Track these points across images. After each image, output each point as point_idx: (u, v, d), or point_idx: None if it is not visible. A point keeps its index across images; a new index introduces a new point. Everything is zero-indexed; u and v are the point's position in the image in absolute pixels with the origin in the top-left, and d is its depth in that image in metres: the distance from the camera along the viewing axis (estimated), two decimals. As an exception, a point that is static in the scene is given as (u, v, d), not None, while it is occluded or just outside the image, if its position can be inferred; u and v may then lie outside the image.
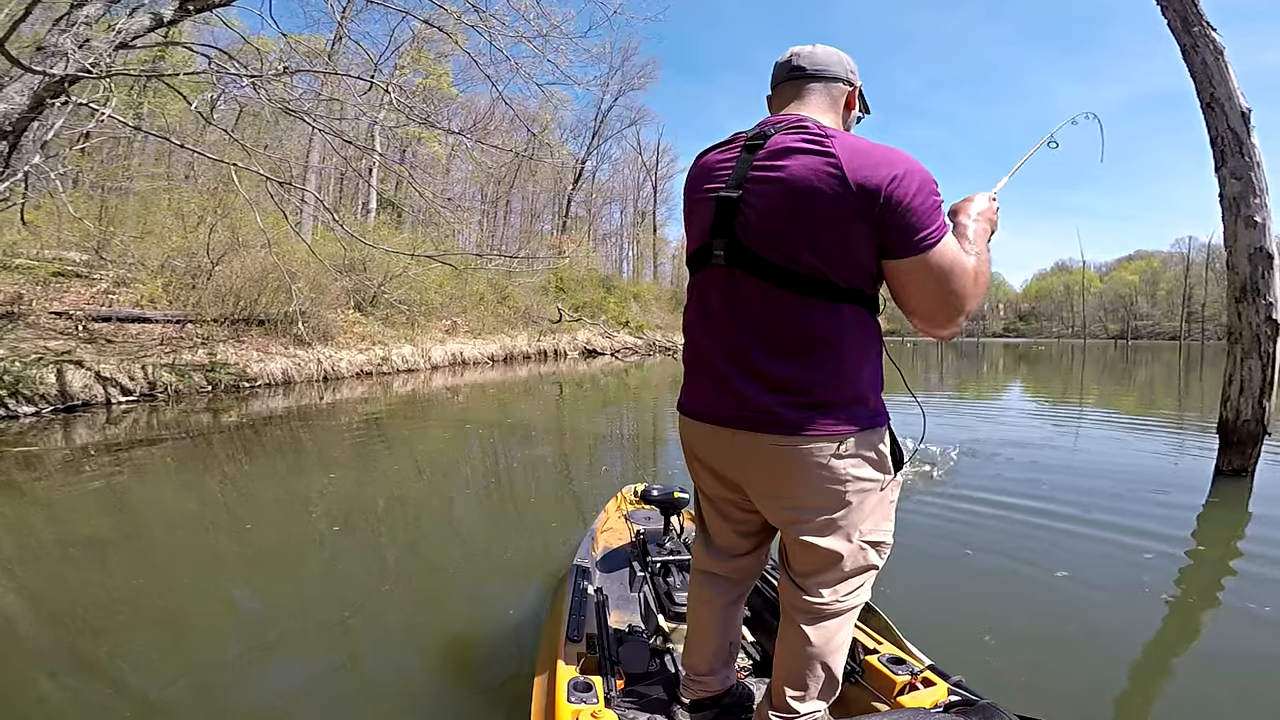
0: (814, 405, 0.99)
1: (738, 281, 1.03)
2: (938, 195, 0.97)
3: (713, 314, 1.08)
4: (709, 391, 1.09)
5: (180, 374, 7.97)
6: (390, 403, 9.00)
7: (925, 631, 1.29)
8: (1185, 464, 5.17)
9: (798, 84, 1.13)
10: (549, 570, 2.57)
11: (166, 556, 2.98)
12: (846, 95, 1.14)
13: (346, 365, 11.07)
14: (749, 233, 1.01)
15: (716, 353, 1.07)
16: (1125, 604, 2.44)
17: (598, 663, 1.31)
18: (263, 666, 1.99)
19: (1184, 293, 53.72)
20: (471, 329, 16.88)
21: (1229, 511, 3.76)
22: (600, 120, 35.63)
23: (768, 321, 1.01)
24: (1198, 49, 4.34)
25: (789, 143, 1.00)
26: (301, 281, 10.56)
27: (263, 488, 4.39)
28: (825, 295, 0.98)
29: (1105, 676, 1.89)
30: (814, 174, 0.94)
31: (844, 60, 1.15)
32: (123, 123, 5.11)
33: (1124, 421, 7.94)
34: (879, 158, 0.94)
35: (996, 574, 2.71)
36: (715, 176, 1.08)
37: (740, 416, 1.03)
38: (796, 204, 0.96)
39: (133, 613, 2.36)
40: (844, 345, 0.99)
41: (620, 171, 42.34)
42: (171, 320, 9.52)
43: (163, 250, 10.77)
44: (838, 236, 0.95)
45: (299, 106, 6.41)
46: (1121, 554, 2.94)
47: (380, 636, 2.17)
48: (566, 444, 6.42)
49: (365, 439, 6.22)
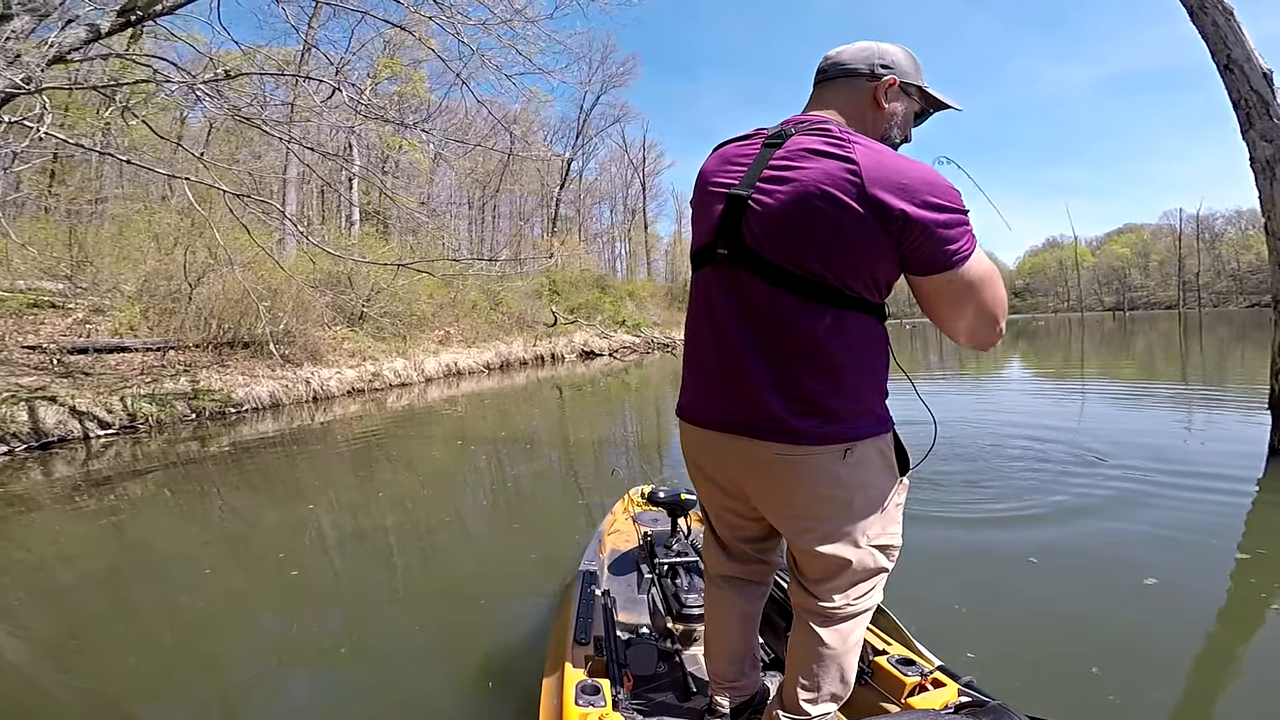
0: (819, 413, 0.96)
1: (742, 282, 1.00)
2: (964, 210, 0.93)
3: (715, 315, 1.04)
4: (710, 395, 1.07)
5: (161, 404, 7.65)
6: (385, 419, 8.71)
7: (934, 632, 1.30)
8: (1222, 439, 4.93)
9: (822, 85, 1.09)
10: (556, 573, 2.58)
11: (170, 586, 2.88)
12: (873, 90, 1.05)
13: (337, 383, 10.73)
14: (755, 233, 0.97)
15: (718, 355, 1.04)
16: (1164, 603, 2.27)
17: (605, 665, 1.30)
18: (278, 678, 2.05)
19: (1178, 263, 53.79)
20: (465, 338, 16.56)
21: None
22: (584, 119, 35.30)
23: (771, 325, 0.98)
24: (1206, 10, 4.13)
25: (809, 144, 0.96)
26: (284, 299, 10.24)
27: (260, 511, 4.24)
28: (830, 301, 0.95)
29: (1125, 679, 1.80)
30: (830, 178, 0.91)
31: (873, 53, 1.06)
32: (63, 140, 4.80)
33: (1142, 393, 7.70)
34: (901, 170, 0.90)
35: (1017, 572, 2.53)
36: (729, 171, 1.05)
37: (743, 423, 1.00)
38: (808, 208, 0.92)
39: (142, 641, 2.36)
40: (849, 352, 0.97)
41: (607, 170, 42.08)
42: (152, 348, 9.18)
43: (139, 274, 10.42)
44: (847, 245, 0.92)
45: (265, 117, 6.12)
46: (1167, 549, 2.69)
47: (390, 642, 2.21)
48: (570, 448, 6.23)
49: (364, 456, 5.95)
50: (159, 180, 14.10)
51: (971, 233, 0.93)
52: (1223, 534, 2.86)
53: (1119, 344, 18.93)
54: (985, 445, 4.75)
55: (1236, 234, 58.54)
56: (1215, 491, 3.46)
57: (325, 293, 12.06)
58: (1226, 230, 59.28)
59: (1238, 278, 56.26)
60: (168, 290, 10.09)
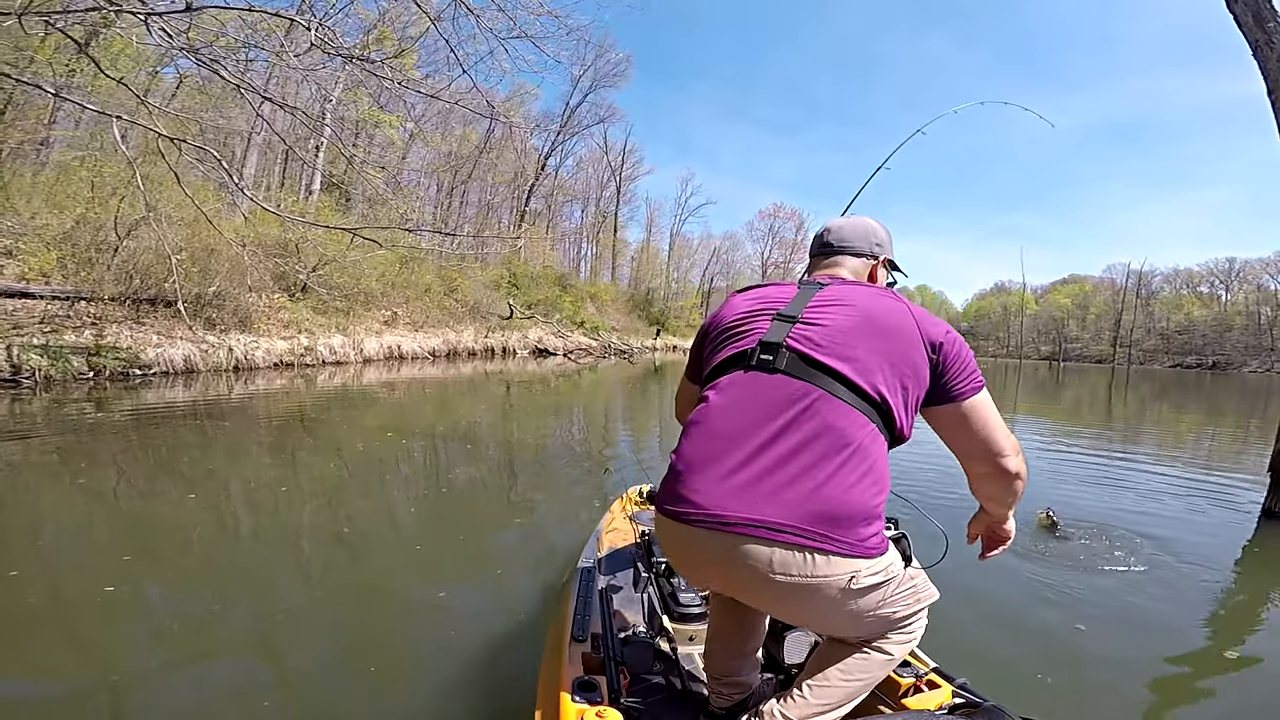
0: (835, 520, 0.96)
1: (778, 385, 1.03)
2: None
3: (741, 412, 1.04)
4: (713, 492, 0.99)
5: (54, 356, 7.03)
6: (314, 397, 8.27)
7: (928, 634, 1.22)
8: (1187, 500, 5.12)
9: (829, 256, 1.30)
10: (554, 571, 2.59)
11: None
12: (871, 268, 1.30)
13: (264, 354, 10.18)
14: (808, 341, 1.05)
15: (735, 452, 1.00)
16: (1151, 627, 2.39)
17: (602, 663, 1.30)
18: (270, 665, 2.01)
19: (1116, 318, 56.93)
20: (413, 321, 16.06)
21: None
22: (568, 114, 35.01)
23: (802, 426, 0.99)
24: (1273, 44, 4.03)
25: (857, 289, 1.14)
26: (219, 260, 9.65)
27: (150, 496, 3.76)
28: (867, 411, 1.01)
29: (1114, 685, 1.90)
30: (891, 310, 1.08)
31: (870, 234, 1.30)
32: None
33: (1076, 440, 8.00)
34: (933, 317, 1.10)
35: (1009, 587, 2.60)
36: (769, 301, 1.16)
37: (749, 520, 0.96)
38: (870, 326, 1.05)
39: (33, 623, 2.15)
40: (872, 462, 1.00)
41: (584, 170, 41.80)
42: (59, 296, 8.50)
43: (63, 221, 9.65)
44: (901, 359, 1.04)
45: (239, 74, 5.67)
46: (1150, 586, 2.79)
47: (387, 638, 2.19)
48: (526, 447, 5.97)
49: (314, 438, 5.56)
50: (114, 129, 13.13)
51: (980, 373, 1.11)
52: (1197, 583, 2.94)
53: (1051, 393, 19.82)
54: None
55: (1172, 293, 62.52)
56: (1199, 548, 3.43)
57: (267, 258, 11.43)
58: (1163, 289, 63.20)
59: (1166, 336, 59.93)
60: (93, 240, 9.37)
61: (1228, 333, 55.80)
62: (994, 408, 1.11)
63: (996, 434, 1.09)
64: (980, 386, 1.09)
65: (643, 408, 10.66)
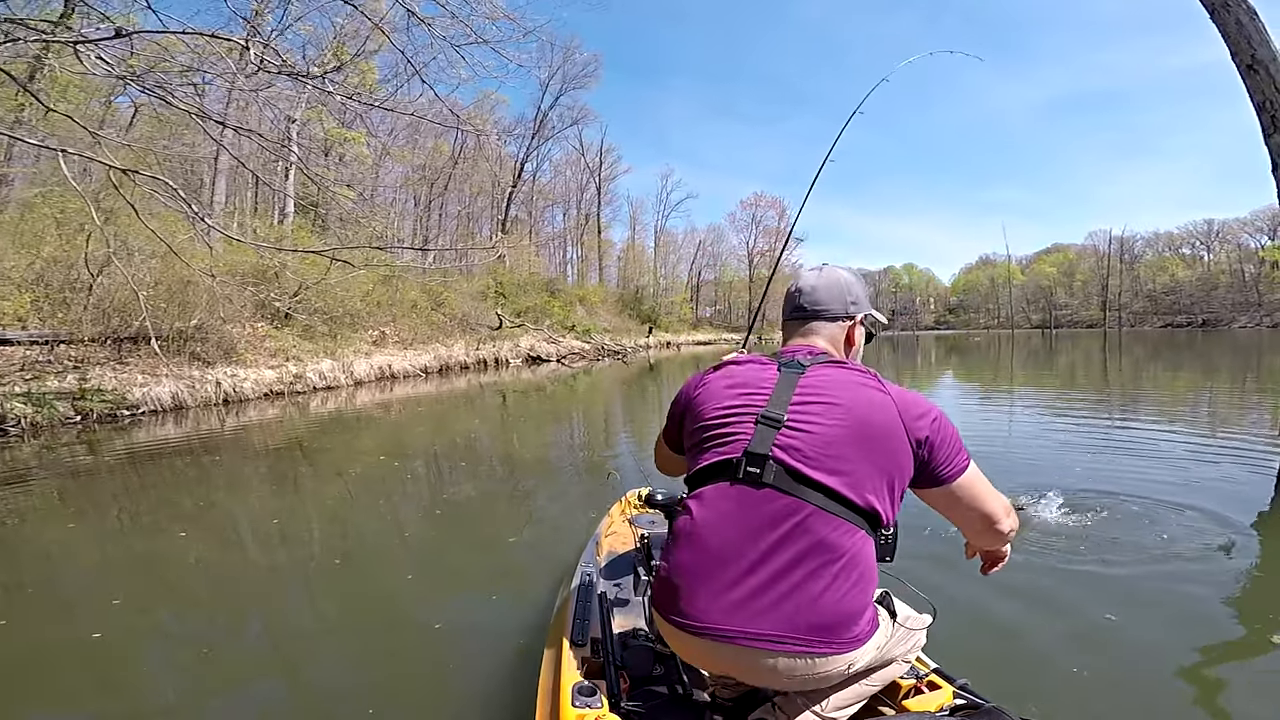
0: (831, 628, 0.99)
1: (767, 499, 1.03)
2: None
3: (732, 527, 1.04)
4: (711, 608, 1.03)
5: (39, 404, 6.87)
6: (308, 424, 8.14)
7: (930, 634, 1.24)
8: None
9: (803, 322, 1.26)
10: (553, 576, 2.60)
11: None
12: (847, 330, 1.25)
13: (252, 385, 10.00)
14: (801, 453, 1.03)
15: (730, 568, 1.03)
16: (1165, 622, 2.28)
17: (602, 667, 1.30)
18: (275, 680, 2.07)
19: (1103, 283, 57.36)
20: (402, 339, 15.89)
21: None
22: (540, 119, 34.80)
23: (795, 543, 1.00)
24: (1229, 8, 3.98)
25: (838, 375, 1.10)
26: (196, 292, 9.48)
27: (132, 537, 3.65)
28: (857, 521, 1.02)
29: (1116, 684, 1.86)
30: (876, 408, 1.04)
31: (844, 292, 1.25)
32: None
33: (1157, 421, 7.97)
34: (917, 401, 1.07)
35: (1013, 586, 2.48)
36: (748, 392, 1.12)
37: (750, 634, 0.99)
38: (858, 432, 1.03)
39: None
40: (863, 566, 1.02)
41: (562, 173, 41.65)
42: (38, 341, 8.32)
43: (31, 261, 9.44)
44: (888, 464, 1.03)
45: (195, 101, 5.52)
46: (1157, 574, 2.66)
47: (385, 643, 2.23)
48: (527, 460, 5.87)
49: (291, 466, 5.44)
50: (75, 167, 12.86)
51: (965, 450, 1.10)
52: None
53: (1045, 360, 19.87)
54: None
55: (1154, 256, 63.10)
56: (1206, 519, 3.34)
57: (246, 287, 11.25)
58: (1145, 253, 63.78)
59: (1154, 298, 60.52)
60: (66, 280, 9.18)
61: (1214, 291, 56.44)
62: (982, 478, 1.12)
63: (987, 504, 1.11)
64: (966, 465, 1.09)
65: (640, 407, 10.58)
